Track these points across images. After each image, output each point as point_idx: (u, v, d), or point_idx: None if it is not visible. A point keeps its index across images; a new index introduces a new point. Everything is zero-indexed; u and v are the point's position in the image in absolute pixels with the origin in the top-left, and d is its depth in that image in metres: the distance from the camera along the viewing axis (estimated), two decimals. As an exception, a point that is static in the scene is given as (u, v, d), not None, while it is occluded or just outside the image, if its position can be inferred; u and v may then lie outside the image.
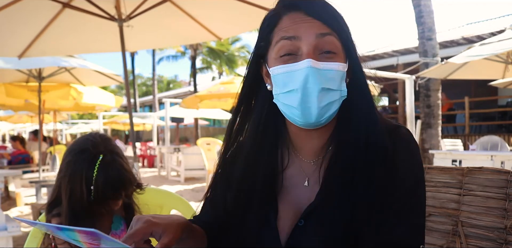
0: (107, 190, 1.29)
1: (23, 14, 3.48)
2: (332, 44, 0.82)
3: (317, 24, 0.82)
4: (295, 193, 0.90)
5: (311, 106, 0.80)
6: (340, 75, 0.82)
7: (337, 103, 0.83)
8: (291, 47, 0.82)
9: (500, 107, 12.04)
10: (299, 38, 0.81)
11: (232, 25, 4.08)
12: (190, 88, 23.89)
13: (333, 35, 0.82)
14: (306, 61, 0.79)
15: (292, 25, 0.83)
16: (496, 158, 4.40)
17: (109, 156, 1.32)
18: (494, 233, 1.12)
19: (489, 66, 6.50)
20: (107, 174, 1.29)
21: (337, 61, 0.82)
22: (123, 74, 3.76)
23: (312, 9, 0.83)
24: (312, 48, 0.81)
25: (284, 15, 0.85)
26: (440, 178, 1.27)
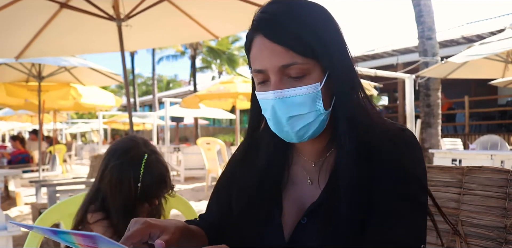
0: (152, 188, 1.36)
1: (20, 15, 3.47)
2: (297, 70, 0.81)
3: (279, 52, 0.80)
4: (299, 191, 0.91)
5: (287, 131, 0.83)
6: (312, 97, 0.81)
7: (316, 122, 0.83)
8: (262, 76, 0.84)
9: (500, 106, 12.05)
10: (266, 71, 0.82)
11: (229, 23, 4.08)
12: (190, 87, 23.90)
13: (296, 62, 0.80)
14: (271, 92, 0.82)
15: (258, 55, 0.83)
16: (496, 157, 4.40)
17: (153, 156, 1.39)
18: (494, 232, 1.12)
19: (489, 65, 6.51)
20: (153, 173, 1.36)
21: (307, 83, 0.81)
22: (123, 74, 3.76)
23: (271, 31, 0.81)
24: (277, 78, 0.81)
25: (253, 37, 0.84)
26: (440, 177, 1.27)
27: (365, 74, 6.66)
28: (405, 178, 0.82)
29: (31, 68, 6.04)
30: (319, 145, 0.91)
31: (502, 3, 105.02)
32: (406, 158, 0.83)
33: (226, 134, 23.13)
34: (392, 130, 0.86)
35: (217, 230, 0.97)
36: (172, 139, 19.11)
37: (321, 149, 0.91)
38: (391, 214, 0.80)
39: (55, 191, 4.06)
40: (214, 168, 7.15)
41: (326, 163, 0.89)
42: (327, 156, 0.90)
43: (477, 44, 6.00)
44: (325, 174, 0.88)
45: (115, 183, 1.35)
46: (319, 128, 0.84)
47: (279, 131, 0.85)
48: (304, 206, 0.88)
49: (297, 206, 0.89)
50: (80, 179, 4.65)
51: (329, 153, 0.90)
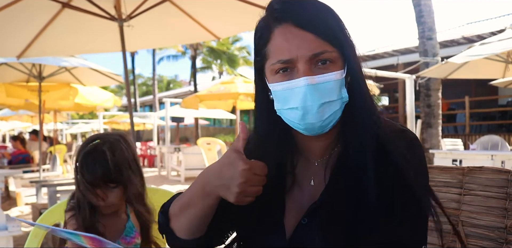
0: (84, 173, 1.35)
1: (22, 14, 3.47)
2: (326, 59, 0.81)
3: (310, 40, 0.80)
4: (300, 192, 0.91)
5: (314, 122, 0.82)
6: (339, 84, 0.82)
7: (339, 111, 0.83)
8: (286, 66, 0.83)
9: (500, 107, 12.04)
10: (295, 60, 0.81)
11: (230, 24, 4.08)
12: (191, 87, 23.90)
13: (327, 51, 0.81)
14: (303, 79, 0.80)
15: (285, 45, 0.82)
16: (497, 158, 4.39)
17: (101, 146, 1.37)
18: (495, 233, 1.12)
19: (489, 65, 6.50)
20: (89, 159, 1.36)
21: (333, 70, 0.81)
22: (123, 74, 3.76)
23: (303, 20, 0.81)
24: (308, 65, 0.81)
25: (275, 28, 0.83)
26: (441, 177, 1.27)
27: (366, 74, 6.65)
28: (407, 179, 0.81)
29: (31, 68, 6.04)
30: (323, 142, 0.90)
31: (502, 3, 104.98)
32: (409, 159, 0.83)
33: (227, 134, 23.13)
34: (393, 131, 0.86)
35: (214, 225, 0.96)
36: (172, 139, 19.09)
37: (324, 147, 0.90)
38: (393, 215, 0.80)
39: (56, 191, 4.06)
40: (214, 168, 7.13)
41: (329, 162, 0.89)
42: (330, 156, 0.90)
43: (477, 44, 6.00)
44: (328, 174, 0.88)
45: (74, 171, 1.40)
46: (338, 118, 0.84)
47: (304, 122, 0.82)
48: (305, 206, 0.88)
49: (299, 206, 0.89)
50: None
51: (332, 152, 0.90)
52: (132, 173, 1.41)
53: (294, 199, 0.91)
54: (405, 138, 0.86)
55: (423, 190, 0.84)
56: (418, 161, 0.85)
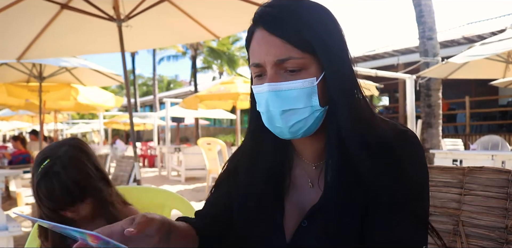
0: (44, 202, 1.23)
1: (20, 16, 3.47)
2: (294, 64, 0.80)
3: (277, 46, 0.80)
4: (300, 194, 0.91)
5: (280, 126, 0.83)
6: (307, 92, 0.81)
7: (310, 118, 0.82)
8: (259, 70, 0.84)
9: (500, 107, 12.04)
10: (263, 64, 0.82)
11: (230, 23, 4.08)
12: (191, 88, 23.92)
13: (292, 57, 0.80)
14: (265, 85, 0.81)
15: (256, 49, 0.83)
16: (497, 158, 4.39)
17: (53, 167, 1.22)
18: (495, 233, 1.11)
19: (489, 65, 6.50)
20: (41, 182, 1.21)
21: (303, 77, 0.81)
22: (123, 74, 3.76)
23: (272, 24, 0.81)
24: (273, 71, 0.81)
25: (254, 31, 0.85)
26: (441, 177, 1.26)
27: (366, 75, 6.65)
28: (407, 179, 0.81)
29: (32, 68, 6.04)
30: (317, 145, 0.90)
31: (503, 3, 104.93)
32: (409, 159, 0.83)
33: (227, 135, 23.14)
34: (394, 131, 0.86)
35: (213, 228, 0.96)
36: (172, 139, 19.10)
37: (319, 149, 0.90)
38: (393, 216, 0.80)
39: (56, 191, 4.05)
40: (214, 168, 7.15)
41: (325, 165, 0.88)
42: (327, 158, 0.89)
43: (478, 44, 5.99)
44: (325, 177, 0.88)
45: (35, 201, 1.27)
46: (314, 124, 0.83)
47: (272, 126, 0.84)
48: (305, 209, 0.88)
49: (298, 209, 0.89)
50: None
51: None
52: (96, 181, 1.29)
53: (293, 201, 0.91)
54: (405, 139, 0.85)
55: (423, 190, 0.84)
56: (418, 162, 0.85)
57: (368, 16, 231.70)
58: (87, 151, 1.32)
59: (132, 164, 3.80)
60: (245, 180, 0.94)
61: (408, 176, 0.81)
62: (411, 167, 0.82)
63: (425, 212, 0.84)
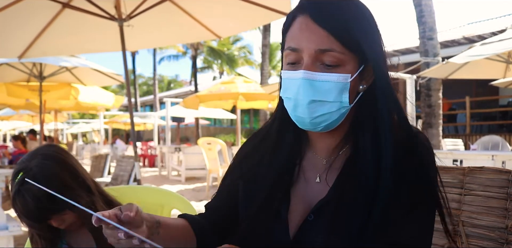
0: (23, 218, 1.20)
1: (22, 15, 3.47)
2: (332, 58, 0.80)
3: (320, 36, 0.80)
4: (307, 188, 0.91)
5: (303, 116, 0.82)
6: (340, 87, 0.81)
7: (335, 114, 0.82)
8: (295, 57, 0.83)
9: (501, 107, 12.03)
10: (301, 50, 0.81)
11: (231, 24, 4.08)
12: (191, 87, 23.91)
13: (334, 50, 0.79)
14: (300, 72, 0.80)
15: (297, 34, 0.82)
16: (497, 158, 4.38)
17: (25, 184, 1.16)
18: (495, 233, 1.11)
19: (490, 65, 6.49)
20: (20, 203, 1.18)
21: (339, 72, 0.81)
22: (124, 74, 3.76)
23: (320, 14, 0.80)
24: (311, 60, 0.80)
25: (296, 17, 0.84)
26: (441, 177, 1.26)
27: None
28: (418, 181, 0.82)
29: (32, 68, 6.04)
30: (332, 141, 0.90)
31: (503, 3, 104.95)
32: (420, 161, 0.84)
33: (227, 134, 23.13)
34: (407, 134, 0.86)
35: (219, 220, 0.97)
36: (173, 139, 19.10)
37: (334, 146, 0.90)
38: (402, 216, 0.80)
39: (56, 191, 4.06)
40: (215, 168, 7.15)
41: (337, 161, 0.89)
42: (340, 154, 0.89)
43: (478, 44, 5.99)
44: (335, 172, 0.88)
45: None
46: (336, 120, 0.83)
47: (295, 114, 0.83)
48: (311, 203, 0.88)
49: (305, 203, 0.89)
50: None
51: (342, 151, 0.89)
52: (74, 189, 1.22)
53: (299, 194, 0.90)
54: (418, 141, 0.86)
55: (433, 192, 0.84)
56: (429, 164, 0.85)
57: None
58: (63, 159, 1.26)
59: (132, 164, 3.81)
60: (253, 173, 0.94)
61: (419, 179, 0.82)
62: (422, 169, 0.83)
63: (433, 214, 0.84)
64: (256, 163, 0.95)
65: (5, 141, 22.35)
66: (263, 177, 0.92)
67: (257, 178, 0.93)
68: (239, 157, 1.02)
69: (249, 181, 0.94)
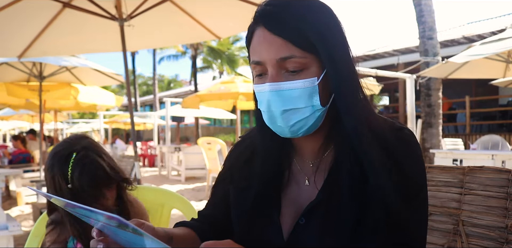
0: (84, 187, 1.28)
1: (23, 14, 3.47)
2: (295, 64, 0.80)
3: (278, 45, 0.80)
4: (297, 191, 0.91)
5: (281, 125, 0.83)
6: (308, 92, 0.81)
7: (311, 118, 0.82)
8: (260, 69, 0.84)
9: (501, 106, 12.03)
10: (264, 63, 0.83)
11: (231, 24, 4.09)
12: (191, 87, 23.91)
13: (294, 56, 0.80)
14: (266, 85, 0.82)
15: (257, 47, 0.83)
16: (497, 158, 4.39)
17: (83, 153, 1.31)
18: (495, 232, 1.12)
19: (489, 65, 6.50)
20: (82, 170, 1.28)
21: (304, 77, 0.81)
22: (124, 74, 3.76)
23: (273, 24, 0.81)
24: (275, 70, 0.81)
25: (255, 30, 0.85)
26: (441, 177, 1.27)
27: (366, 74, 6.65)
28: (405, 178, 0.81)
29: (32, 68, 6.05)
30: (315, 143, 0.90)
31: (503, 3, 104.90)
32: (405, 158, 0.83)
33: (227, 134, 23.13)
34: (391, 129, 0.86)
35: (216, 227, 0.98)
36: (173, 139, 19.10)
37: (317, 148, 0.90)
38: (393, 215, 0.80)
39: (56, 190, 4.06)
40: (214, 168, 7.15)
41: (323, 163, 0.89)
42: (325, 156, 0.90)
43: (478, 44, 5.99)
44: (323, 174, 0.88)
45: (50, 186, 1.31)
46: (314, 124, 0.84)
47: (273, 125, 0.85)
48: (302, 206, 0.88)
49: (295, 207, 0.89)
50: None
51: (327, 153, 0.90)
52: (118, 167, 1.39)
53: (290, 199, 0.91)
54: (401, 136, 0.86)
55: (421, 188, 0.84)
56: (414, 160, 0.85)
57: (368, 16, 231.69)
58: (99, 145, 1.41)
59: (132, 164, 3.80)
60: (242, 179, 0.95)
61: (405, 174, 0.82)
62: (408, 165, 0.83)
63: (424, 210, 0.84)
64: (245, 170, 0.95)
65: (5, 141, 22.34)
66: (253, 183, 0.92)
67: (247, 185, 0.93)
68: (227, 165, 1.02)
69: (240, 188, 0.95)
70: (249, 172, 0.94)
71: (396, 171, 0.81)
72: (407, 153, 0.84)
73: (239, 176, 0.96)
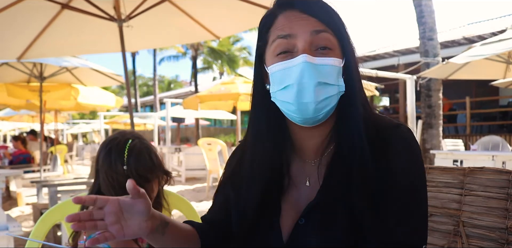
0: (139, 170, 1.35)
1: (21, 16, 3.47)
2: (327, 40, 0.82)
3: (312, 21, 0.83)
4: (296, 193, 0.91)
5: (308, 101, 0.79)
6: (337, 70, 0.82)
7: (335, 98, 0.82)
8: (287, 45, 0.83)
9: (501, 107, 12.02)
10: (295, 36, 0.82)
11: (230, 24, 4.09)
12: (191, 88, 23.92)
13: (328, 32, 0.83)
14: (301, 56, 0.80)
15: (287, 24, 0.84)
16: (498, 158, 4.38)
17: (138, 141, 1.41)
18: (496, 233, 1.11)
19: (490, 66, 6.49)
20: (137, 155, 1.36)
21: (333, 56, 0.82)
22: (124, 74, 3.76)
23: (307, 6, 0.84)
24: (307, 44, 0.81)
25: (279, 14, 0.86)
26: (442, 178, 1.26)
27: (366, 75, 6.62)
28: (403, 176, 0.81)
29: (32, 68, 6.05)
30: (319, 140, 0.89)
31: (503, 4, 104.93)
32: (403, 155, 0.83)
33: (227, 135, 23.13)
34: (388, 125, 0.86)
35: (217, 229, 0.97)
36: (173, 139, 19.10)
37: (320, 144, 0.90)
38: (392, 214, 0.80)
39: (56, 191, 4.06)
40: (215, 168, 7.15)
41: (324, 161, 0.89)
42: (325, 155, 0.89)
43: (478, 44, 5.99)
44: (323, 173, 0.88)
45: (107, 170, 1.37)
46: (332, 108, 0.83)
47: (299, 102, 0.80)
48: (301, 207, 0.88)
49: (295, 207, 0.89)
50: (81, 180, 4.66)
51: (329, 151, 0.89)
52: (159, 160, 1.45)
53: (291, 200, 0.90)
54: (399, 134, 0.86)
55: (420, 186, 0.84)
56: (412, 157, 0.85)
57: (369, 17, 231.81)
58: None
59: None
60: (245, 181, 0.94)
61: (403, 173, 0.82)
62: (405, 163, 0.83)
63: (423, 210, 0.84)
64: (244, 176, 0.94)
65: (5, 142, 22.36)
66: (253, 186, 0.91)
67: (248, 188, 0.93)
68: (229, 169, 1.02)
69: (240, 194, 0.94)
70: (249, 179, 0.93)
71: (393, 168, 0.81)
72: (403, 148, 0.84)
73: (239, 178, 0.95)
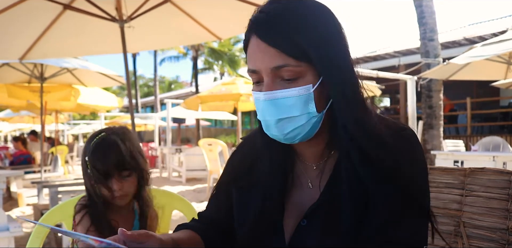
0: (97, 165, 1.31)
1: (23, 17, 3.47)
2: (289, 72, 0.80)
3: (272, 54, 0.79)
4: (299, 194, 0.91)
5: (276, 134, 0.84)
6: (303, 99, 0.80)
7: (307, 125, 0.82)
8: (256, 77, 0.84)
9: (502, 108, 12.01)
10: (259, 71, 0.83)
11: (232, 25, 4.08)
12: (192, 88, 23.92)
13: (289, 65, 0.79)
14: (261, 93, 0.82)
15: (252, 56, 0.83)
16: (498, 159, 4.38)
17: (106, 135, 1.36)
18: (496, 234, 1.11)
19: (491, 66, 6.49)
20: (102, 149, 1.33)
21: (299, 85, 0.80)
22: (125, 75, 3.76)
23: (266, 33, 0.80)
24: (270, 79, 0.81)
25: (250, 37, 0.84)
26: (442, 178, 1.26)
27: (367, 76, 6.64)
28: (406, 179, 0.81)
29: (33, 69, 6.05)
30: (317, 147, 0.90)
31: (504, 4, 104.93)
32: (407, 158, 0.83)
33: (228, 135, 23.14)
34: (393, 130, 0.86)
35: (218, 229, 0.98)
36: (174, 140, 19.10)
37: (319, 151, 0.90)
38: (393, 215, 0.80)
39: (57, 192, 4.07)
40: (215, 169, 7.15)
41: (326, 166, 0.89)
42: (328, 159, 0.90)
43: (479, 45, 5.98)
44: (326, 176, 0.88)
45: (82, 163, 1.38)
46: (311, 130, 0.83)
47: (269, 133, 0.85)
48: (304, 208, 0.88)
49: (298, 209, 0.89)
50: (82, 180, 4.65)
51: (330, 155, 0.90)
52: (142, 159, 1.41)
53: (293, 202, 0.91)
54: (402, 136, 0.86)
55: (423, 189, 0.84)
56: (416, 160, 0.85)
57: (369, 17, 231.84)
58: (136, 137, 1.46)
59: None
60: (245, 181, 0.95)
61: (407, 176, 0.81)
62: (409, 166, 0.83)
63: (425, 209, 0.84)
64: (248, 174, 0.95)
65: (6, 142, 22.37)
66: (256, 186, 0.92)
67: (250, 188, 0.93)
68: (230, 167, 1.03)
69: (243, 190, 0.95)
70: (252, 175, 0.94)
71: (397, 171, 0.81)
72: (408, 153, 0.84)
73: (242, 179, 0.96)
